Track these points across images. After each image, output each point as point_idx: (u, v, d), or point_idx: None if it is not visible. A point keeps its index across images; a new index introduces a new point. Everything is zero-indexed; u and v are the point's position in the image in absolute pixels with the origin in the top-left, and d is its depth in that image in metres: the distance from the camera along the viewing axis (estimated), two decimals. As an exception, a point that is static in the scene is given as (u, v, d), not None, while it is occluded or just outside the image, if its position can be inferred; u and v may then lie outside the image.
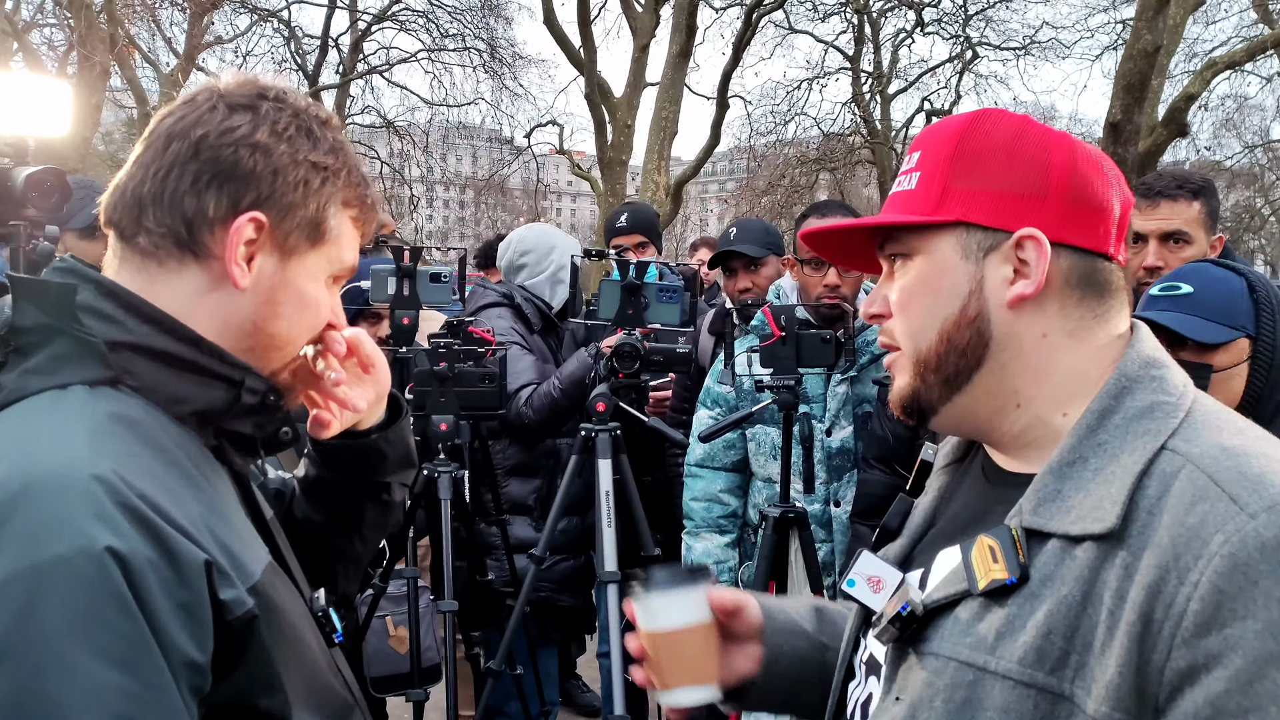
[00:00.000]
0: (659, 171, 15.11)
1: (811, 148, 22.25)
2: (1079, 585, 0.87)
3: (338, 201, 1.14)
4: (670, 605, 1.16)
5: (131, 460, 0.96)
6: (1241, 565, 0.79)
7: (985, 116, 1.01)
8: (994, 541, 0.94)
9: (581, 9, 17.23)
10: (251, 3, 20.08)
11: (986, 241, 0.97)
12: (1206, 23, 19.12)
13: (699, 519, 3.08)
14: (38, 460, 0.92)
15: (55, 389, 0.99)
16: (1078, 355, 0.97)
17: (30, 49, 15.50)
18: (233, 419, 1.12)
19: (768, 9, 18.59)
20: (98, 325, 1.02)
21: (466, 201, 42.39)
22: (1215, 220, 2.82)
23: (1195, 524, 0.83)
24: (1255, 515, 0.81)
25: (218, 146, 1.06)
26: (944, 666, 0.94)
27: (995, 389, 0.99)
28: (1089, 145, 1.00)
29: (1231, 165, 22.31)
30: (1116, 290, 0.99)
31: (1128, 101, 9.94)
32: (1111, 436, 0.92)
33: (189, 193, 1.06)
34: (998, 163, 0.98)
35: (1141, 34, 10.00)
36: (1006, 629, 0.90)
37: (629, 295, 2.89)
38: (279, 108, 1.11)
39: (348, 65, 21.79)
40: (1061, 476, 0.93)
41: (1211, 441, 0.88)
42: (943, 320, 0.99)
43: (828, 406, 2.95)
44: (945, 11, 20.69)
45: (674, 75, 15.25)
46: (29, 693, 0.85)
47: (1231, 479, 0.84)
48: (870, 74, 22.04)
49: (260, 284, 1.09)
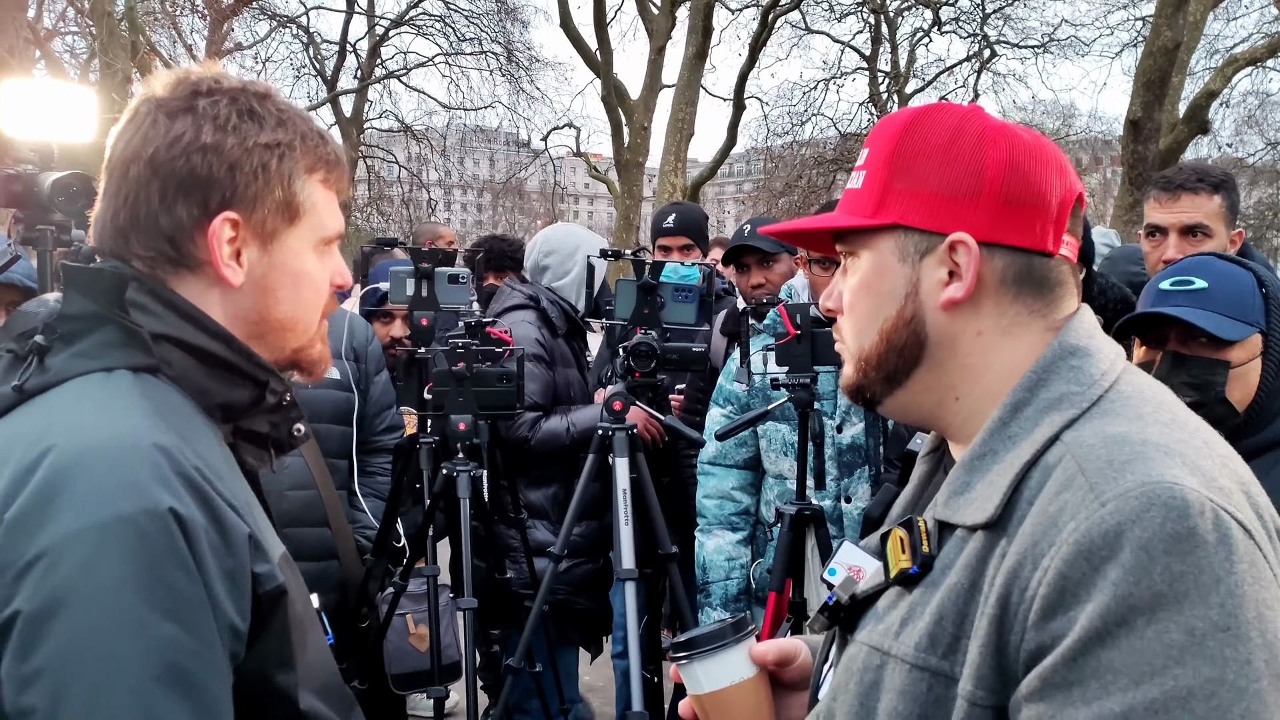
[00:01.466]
0: (676, 173, 15.13)
1: (828, 148, 22.18)
2: (968, 573, 0.90)
3: (301, 172, 1.15)
4: (715, 666, 1.14)
5: (181, 438, 1.02)
6: (1085, 551, 0.81)
7: (926, 115, 1.02)
8: (903, 533, 0.99)
9: (597, 12, 17.29)
10: (271, 9, 20.29)
11: (923, 244, 0.99)
12: (1227, 19, 18.98)
13: (711, 516, 3.09)
14: (98, 428, 0.99)
15: (103, 371, 1.05)
16: (1011, 351, 0.99)
17: (53, 57, 15.68)
18: (252, 416, 1.17)
19: (784, 10, 18.60)
20: (143, 317, 1.08)
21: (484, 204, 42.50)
22: (1236, 214, 2.81)
23: (1054, 512, 0.85)
24: (1106, 503, 0.82)
25: (170, 160, 1.08)
26: (859, 651, 0.98)
27: (933, 384, 1.02)
28: (1035, 137, 1.01)
29: (1254, 162, 22.09)
30: (1057, 284, 1.00)
31: (1148, 99, 9.90)
32: (1021, 429, 0.94)
33: (160, 211, 1.09)
34: (933, 164, 0.99)
35: (1161, 30, 9.95)
36: (909, 615, 0.94)
37: (645, 295, 2.91)
38: (214, 101, 1.11)
39: (366, 70, 21.94)
40: (971, 469, 0.96)
41: (1097, 429, 0.89)
42: (882, 321, 1.02)
43: (838, 403, 2.96)
44: (963, 10, 20.64)
45: (690, 77, 15.28)
46: (87, 640, 0.90)
47: (1096, 467, 0.85)
48: (887, 74, 22.00)
49: (253, 276, 1.13)
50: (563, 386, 3.48)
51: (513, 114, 22.52)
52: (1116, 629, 0.78)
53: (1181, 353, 1.86)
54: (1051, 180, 0.98)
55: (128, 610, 0.90)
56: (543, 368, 3.40)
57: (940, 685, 0.89)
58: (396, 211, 23.79)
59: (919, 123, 1.01)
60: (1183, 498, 0.80)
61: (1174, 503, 0.80)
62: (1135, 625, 0.78)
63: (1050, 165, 0.99)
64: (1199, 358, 1.84)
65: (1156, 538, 0.79)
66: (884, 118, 1.07)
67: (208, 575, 0.95)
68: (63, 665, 0.89)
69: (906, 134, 1.01)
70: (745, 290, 3.57)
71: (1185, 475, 0.83)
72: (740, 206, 47.30)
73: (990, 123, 1.00)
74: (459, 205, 54.72)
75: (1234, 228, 2.81)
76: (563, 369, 3.49)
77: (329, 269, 1.21)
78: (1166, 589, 0.78)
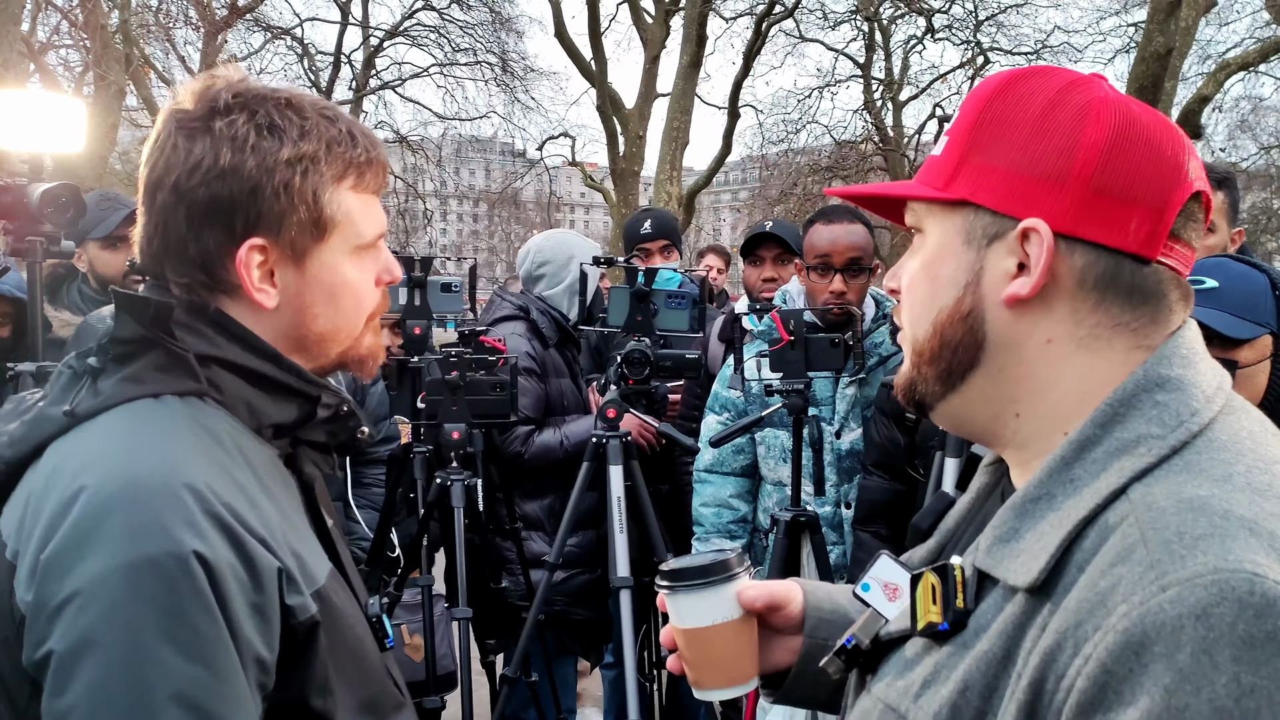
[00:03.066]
0: (671, 181, 15.13)
1: (824, 155, 22.21)
2: (1003, 641, 0.78)
3: (328, 184, 1.12)
4: (700, 603, 1.10)
5: (219, 470, 1.03)
6: (1135, 644, 0.67)
7: (1030, 76, 0.88)
8: (936, 580, 0.86)
9: (592, 21, 17.32)
10: (265, 21, 20.29)
11: (992, 228, 0.86)
12: (1219, 24, 19.05)
13: (709, 524, 3.08)
14: (138, 464, 1.00)
15: (150, 397, 1.05)
16: (1088, 368, 0.85)
17: (47, 70, 15.68)
18: (308, 429, 1.17)
19: (778, 18, 18.64)
20: (190, 340, 1.09)
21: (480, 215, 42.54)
22: (1236, 212, 2.82)
23: (1106, 588, 0.72)
24: (1167, 587, 0.68)
25: (191, 187, 1.07)
26: (873, 706, 0.89)
27: (992, 394, 0.89)
28: (1156, 119, 0.85)
29: (1247, 167, 22.15)
30: (1154, 296, 0.84)
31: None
32: (1085, 472, 0.80)
33: (188, 238, 1.09)
34: (1020, 136, 0.85)
35: (1153, 36, 9.98)
36: (933, 677, 0.83)
37: (638, 302, 2.90)
38: (231, 120, 1.08)
39: (361, 81, 21.96)
40: (1023, 514, 0.83)
41: (1173, 488, 0.75)
42: (938, 311, 0.90)
43: (837, 409, 2.95)
44: (956, 18, 20.69)
45: (685, 85, 15.29)
46: (112, 680, 0.92)
47: (1164, 539, 0.71)
48: (882, 81, 22.04)
49: (287, 295, 1.13)
50: (556, 397, 3.47)
51: (508, 124, 22.61)
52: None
53: None
54: (1163, 172, 0.83)
55: (150, 651, 0.93)
56: (534, 380, 3.39)
57: None
58: (392, 222, 23.74)
59: (1016, 84, 0.88)
60: (1264, 592, 0.66)
61: (1251, 598, 0.66)
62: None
63: (1165, 155, 0.84)
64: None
65: (1225, 640, 0.65)
66: (987, 77, 0.93)
67: (231, 613, 0.97)
68: (90, 704, 0.92)
69: (998, 97, 0.88)
70: (753, 283, 3.57)
71: (1273, 564, 0.68)
72: (736, 214, 47.34)
73: (1101, 95, 0.85)
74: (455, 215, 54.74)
75: (1235, 225, 2.81)
76: (555, 380, 3.48)
77: (372, 270, 1.19)
78: (1233, 705, 0.64)
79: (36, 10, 15.86)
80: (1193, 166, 0.85)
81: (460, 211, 54.06)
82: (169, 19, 17.17)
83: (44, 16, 16.56)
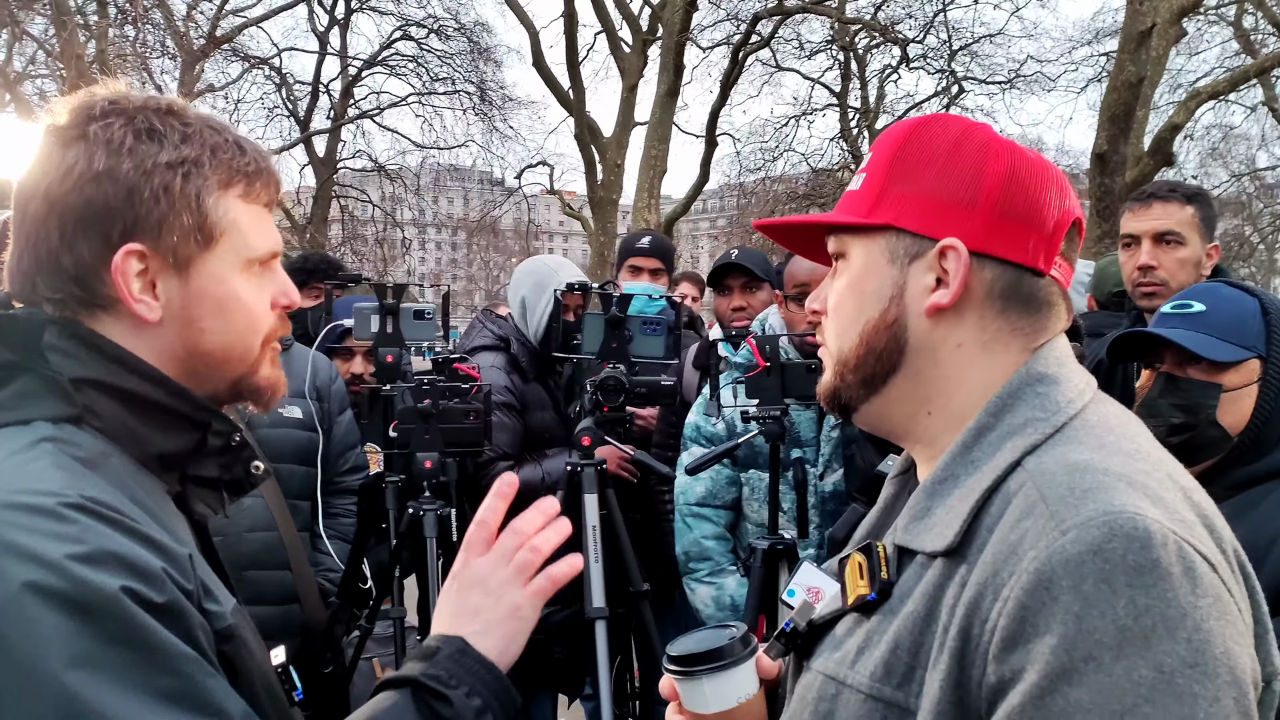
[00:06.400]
0: (649, 210, 15.18)
1: (801, 183, 22.37)
2: (925, 602, 0.89)
3: (213, 189, 1.04)
4: (726, 684, 1.08)
5: (102, 490, 0.95)
6: (1045, 580, 0.79)
7: (933, 122, 1.02)
8: (862, 559, 0.97)
9: (570, 51, 17.40)
10: (243, 51, 20.27)
11: (913, 248, 0.98)
12: (1190, 54, 19.35)
13: (718, 557, 2.99)
14: (6, 488, 0.91)
15: (18, 424, 0.97)
16: (988, 368, 0.98)
17: (22, 100, 15.59)
18: (197, 462, 1.09)
19: (754, 48, 18.79)
20: (63, 362, 1.01)
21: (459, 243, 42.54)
22: (1212, 229, 2.81)
23: (1015, 540, 0.84)
24: (1066, 531, 0.80)
25: (64, 193, 1.00)
26: (814, 680, 0.98)
27: (909, 394, 1.00)
28: (1038, 157, 1.01)
29: (1220, 194, 22.45)
30: (1045, 305, 0.98)
31: (1113, 132, 10.02)
32: (982, 454, 0.93)
33: (60, 250, 1.01)
34: (933, 170, 0.98)
35: (1125, 66, 10.10)
36: (866, 644, 0.93)
37: (612, 329, 2.88)
38: (108, 123, 1.02)
39: (339, 110, 21.95)
40: (933, 494, 0.95)
41: (1060, 456, 0.88)
42: (864, 322, 1.00)
43: (821, 450, 2.93)
44: (930, 47, 20.93)
45: (662, 114, 15.38)
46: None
47: (1058, 495, 0.83)
48: (857, 110, 22.22)
49: (171, 309, 1.04)
50: (538, 431, 3.41)
51: (486, 152, 22.55)
52: (1083, 665, 0.76)
53: (1175, 375, 1.86)
54: (1051, 200, 0.97)
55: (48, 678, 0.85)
56: (513, 416, 3.33)
57: (894, 715, 0.88)
58: (370, 251, 23.70)
59: (924, 129, 1.01)
60: (1145, 529, 0.79)
61: (1136, 533, 0.79)
62: (1103, 661, 0.76)
63: (1050, 185, 0.98)
64: (1191, 380, 1.84)
65: (1119, 569, 0.77)
66: (891, 124, 1.06)
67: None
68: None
69: (910, 139, 1.01)
70: (724, 313, 3.55)
71: (1148, 506, 0.81)
72: (714, 242, 47.51)
73: (995, 137, 1.00)
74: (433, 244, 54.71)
75: (1210, 241, 2.80)
76: (537, 413, 3.42)
77: (268, 290, 1.11)
78: (1132, 623, 0.76)
79: (13, 40, 15.83)
80: (1072, 197, 1.00)
81: (439, 240, 54.02)
82: (146, 48, 17.12)
83: (20, 47, 16.51)
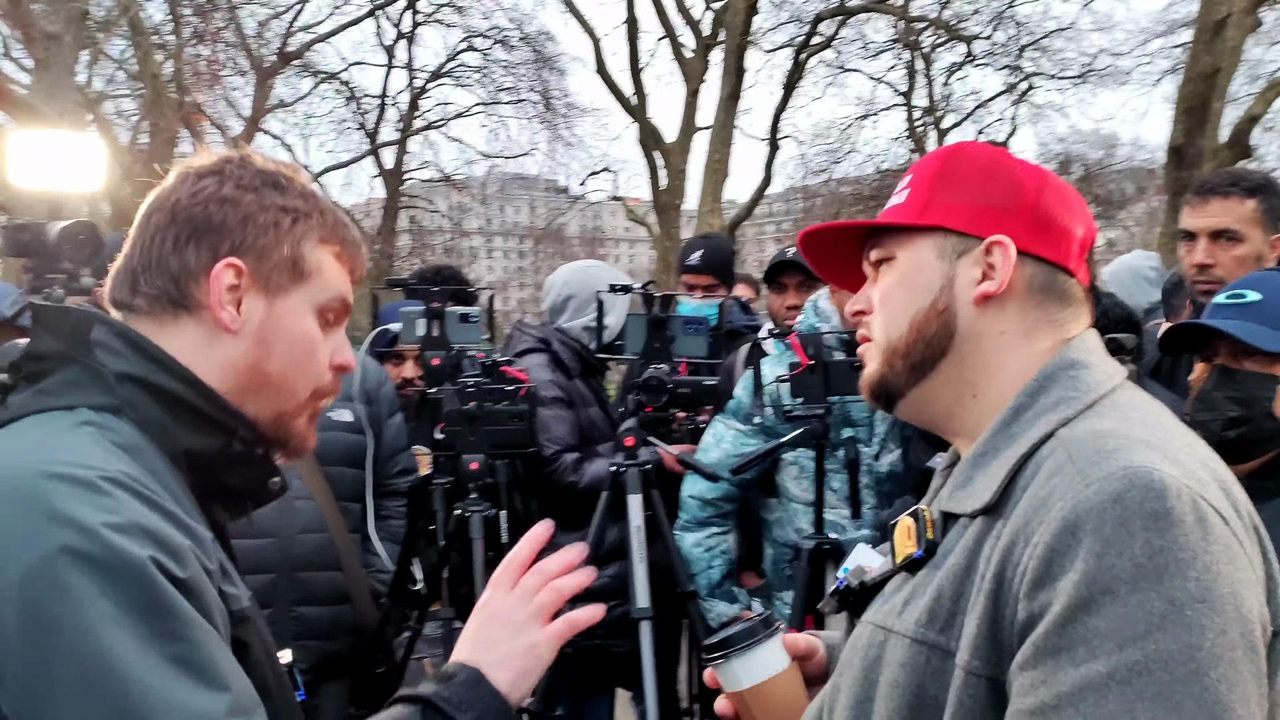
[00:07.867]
0: (713, 214, 15.16)
1: (867, 184, 22.06)
2: (965, 555, 0.99)
3: (313, 239, 1.18)
4: (753, 661, 1.20)
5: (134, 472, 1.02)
6: (1070, 526, 0.88)
7: (966, 147, 1.16)
8: (910, 522, 1.08)
9: (632, 57, 17.49)
10: (313, 66, 20.71)
11: (961, 245, 1.09)
12: (1268, 44, 18.68)
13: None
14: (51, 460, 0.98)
15: (63, 409, 1.06)
16: (1026, 354, 1.07)
17: (103, 119, 16.13)
18: (220, 467, 1.16)
19: (816, 49, 18.66)
20: (107, 357, 1.10)
21: (525, 251, 42.90)
22: (1276, 219, 2.69)
23: (1044, 495, 0.93)
24: (1090, 484, 0.90)
25: (190, 207, 1.14)
26: (864, 630, 1.08)
27: (955, 379, 1.09)
28: (1058, 178, 1.14)
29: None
30: (1074, 301, 1.10)
31: (1189, 125, 9.77)
32: (1020, 429, 1.02)
33: (171, 254, 1.13)
34: (976, 180, 1.10)
35: (1200, 57, 9.86)
36: (912, 596, 1.03)
37: (655, 329, 2.87)
38: (242, 166, 1.18)
39: (406, 122, 22.29)
40: (974, 466, 1.04)
41: (1089, 426, 0.98)
42: (915, 312, 1.09)
43: (875, 430, 2.86)
44: (998, 44, 20.52)
45: (725, 118, 15.35)
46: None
47: (1085, 455, 0.93)
48: (923, 109, 21.91)
49: (250, 325, 1.15)
50: (586, 427, 3.43)
51: (551, 160, 22.70)
52: (1101, 597, 0.85)
53: (1230, 367, 1.81)
54: (1076, 214, 1.11)
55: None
56: (565, 409, 3.35)
57: (937, 658, 0.97)
58: (439, 260, 24.03)
59: (960, 151, 1.15)
60: (1161, 481, 0.88)
61: (1153, 484, 0.88)
62: (1119, 594, 0.85)
63: (1074, 204, 1.11)
64: (1247, 372, 1.79)
65: (1136, 514, 0.86)
66: (930, 152, 1.21)
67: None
68: None
69: (950, 158, 1.14)
70: (778, 311, 3.49)
71: (1166, 465, 0.90)
72: (779, 246, 47.23)
73: (1022, 159, 1.14)
74: (500, 252, 55.27)
75: (1275, 232, 2.68)
76: (584, 409, 3.44)
77: (329, 347, 1.21)
78: (1146, 561, 0.85)
79: (93, 61, 16.38)
80: (1090, 218, 1.14)
81: (505, 248, 54.59)
82: (220, 66, 17.59)
83: (99, 67, 17.08)
